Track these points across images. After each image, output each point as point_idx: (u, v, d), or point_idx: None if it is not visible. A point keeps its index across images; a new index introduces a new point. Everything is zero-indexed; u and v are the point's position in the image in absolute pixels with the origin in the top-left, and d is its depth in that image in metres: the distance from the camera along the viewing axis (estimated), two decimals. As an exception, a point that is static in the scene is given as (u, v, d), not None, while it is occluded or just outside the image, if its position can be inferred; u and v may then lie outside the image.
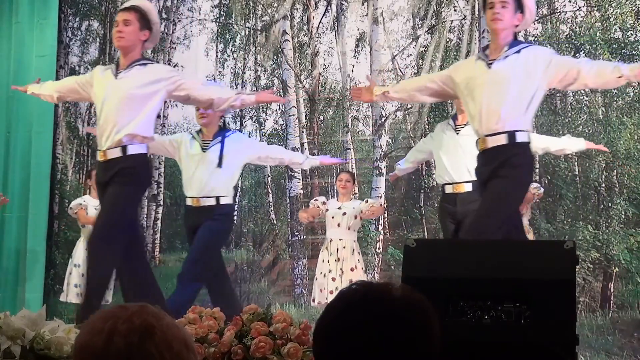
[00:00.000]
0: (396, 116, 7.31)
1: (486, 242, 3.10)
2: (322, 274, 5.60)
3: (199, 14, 7.98)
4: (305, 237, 7.24)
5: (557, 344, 1.95)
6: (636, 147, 6.31)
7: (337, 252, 5.55)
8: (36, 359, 2.79)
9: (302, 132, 7.53)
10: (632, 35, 6.53)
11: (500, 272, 2.10)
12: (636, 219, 6.24)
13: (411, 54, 7.30)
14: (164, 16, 7.98)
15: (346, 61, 7.39)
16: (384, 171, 7.07)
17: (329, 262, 5.56)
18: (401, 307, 1.40)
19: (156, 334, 1.31)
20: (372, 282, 1.52)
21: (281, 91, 7.63)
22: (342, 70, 7.42)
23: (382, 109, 7.09)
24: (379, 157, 7.16)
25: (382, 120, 7.19)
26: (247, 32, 7.90)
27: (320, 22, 7.55)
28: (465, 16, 6.96)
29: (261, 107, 7.77)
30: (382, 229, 6.98)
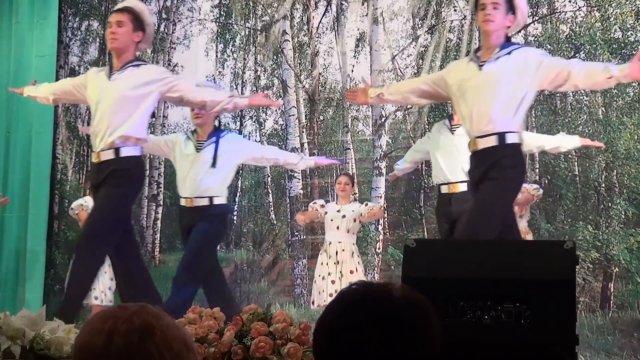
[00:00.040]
0: (396, 116, 7.31)
1: (486, 242, 3.10)
2: (320, 276, 5.59)
3: (199, 14, 7.98)
4: (305, 237, 7.24)
5: (557, 344, 1.95)
6: (636, 147, 6.31)
7: (336, 255, 5.53)
8: (36, 359, 2.79)
9: (302, 132, 7.53)
10: (632, 35, 6.53)
11: (500, 272, 2.10)
12: (636, 219, 6.24)
13: (411, 54, 7.30)
14: (164, 16, 7.98)
15: (346, 61, 7.39)
16: (384, 171, 7.07)
17: (327, 265, 5.54)
18: (401, 307, 1.40)
19: (156, 334, 1.30)
20: (372, 282, 1.52)
21: (281, 91, 7.64)
22: (342, 70, 7.41)
23: (382, 109, 7.09)
24: (378, 157, 7.16)
25: (382, 120, 7.18)
26: (247, 32, 7.89)
27: (320, 22, 7.55)
28: (465, 16, 6.95)
29: (261, 107, 7.77)
30: (382, 229, 6.98)
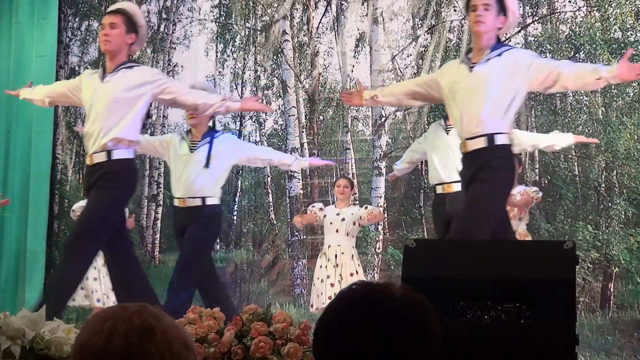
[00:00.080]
0: (396, 116, 7.31)
1: (486, 242, 3.10)
2: (319, 279, 5.58)
3: (199, 14, 7.99)
4: (305, 237, 7.24)
5: (557, 344, 1.95)
6: (636, 147, 6.31)
7: (335, 258, 5.51)
8: (36, 359, 2.78)
9: (302, 132, 7.53)
10: (632, 35, 6.53)
11: (500, 272, 2.10)
12: (636, 219, 6.24)
13: (411, 54, 7.30)
14: (164, 16, 7.98)
15: (346, 61, 7.39)
16: (384, 171, 7.07)
17: (326, 268, 5.53)
18: (401, 307, 1.40)
19: (156, 334, 1.30)
20: (372, 282, 1.52)
21: (281, 91, 7.64)
22: (342, 70, 7.41)
23: (382, 109, 7.09)
24: (378, 157, 7.16)
25: (382, 120, 7.18)
26: (247, 32, 7.89)
27: (320, 22, 7.55)
28: (465, 16, 6.95)
29: (261, 107, 7.75)
30: (381, 229, 6.98)
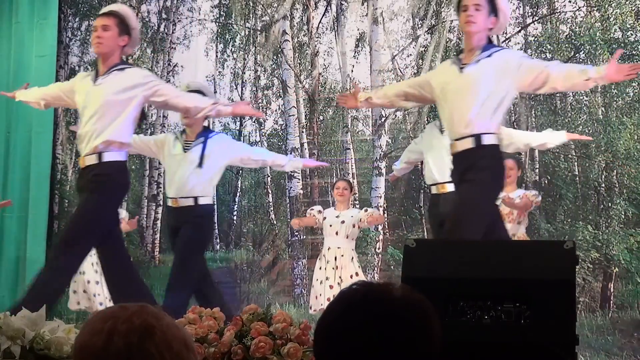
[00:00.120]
0: (396, 116, 7.31)
1: (486, 242, 3.10)
2: (318, 281, 5.58)
3: (199, 14, 7.99)
4: (305, 237, 7.24)
5: (557, 344, 1.95)
6: (636, 147, 6.31)
7: (335, 260, 5.52)
8: (36, 359, 2.79)
9: (302, 132, 7.53)
10: (632, 35, 6.53)
11: (500, 272, 2.10)
12: (636, 219, 6.24)
13: (411, 54, 7.30)
14: (164, 16, 7.98)
15: (346, 61, 7.39)
16: (384, 171, 7.07)
17: (326, 270, 5.53)
18: (401, 307, 1.40)
19: (156, 334, 1.30)
20: (372, 282, 1.52)
21: (281, 91, 7.64)
22: (342, 70, 7.41)
23: (382, 109, 7.09)
24: (378, 157, 7.16)
25: (382, 120, 7.18)
26: (247, 32, 7.90)
27: (320, 22, 7.55)
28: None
29: (261, 108, 7.77)
30: (381, 229, 6.98)
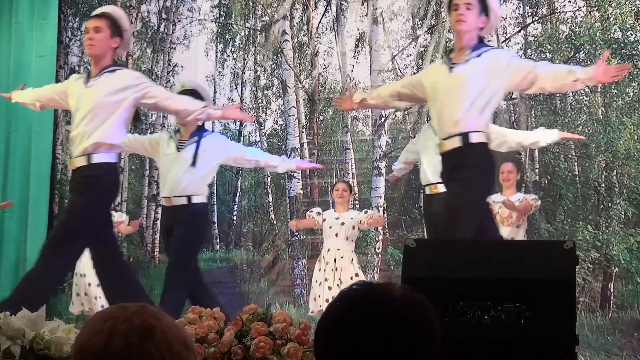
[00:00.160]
0: (396, 116, 7.31)
1: (486, 242, 3.10)
2: (317, 282, 5.59)
3: (199, 14, 7.99)
4: (305, 237, 7.24)
5: (557, 344, 1.95)
6: (636, 147, 6.31)
7: (334, 261, 5.52)
8: (36, 359, 2.79)
9: (302, 132, 7.53)
10: (631, 35, 6.53)
11: (500, 272, 2.10)
12: (636, 219, 6.24)
13: (411, 54, 7.31)
14: (164, 16, 7.98)
15: (346, 61, 7.39)
16: (384, 171, 7.08)
17: (325, 271, 5.53)
18: (401, 307, 1.40)
19: (156, 334, 1.30)
20: (372, 282, 1.52)
21: (281, 91, 7.64)
22: (341, 70, 7.41)
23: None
24: (378, 157, 7.16)
25: (382, 120, 7.19)
26: (246, 32, 7.90)
27: (320, 22, 7.55)
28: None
29: (261, 107, 7.77)
30: (381, 229, 6.98)
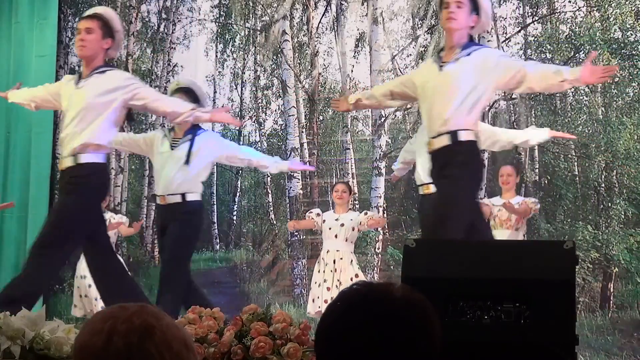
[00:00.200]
0: (395, 116, 7.31)
1: (486, 242, 3.11)
2: (316, 283, 5.59)
3: (199, 14, 7.99)
4: (304, 237, 7.24)
5: (557, 344, 1.95)
6: (636, 147, 6.31)
7: (333, 263, 5.52)
8: (36, 359, 2.78)
9: (302, 132, 7.53)
10: (631, 35, 6.53)
11: (500, 272, 2.10)
12: (636, 219, 6.24)
13: (411, 54, 7.31)
14: (164, 16, 7.98)
15: (346, 61, 7.39)
16: (384, 171, 7.08)
17: (324, 272, 5.53)
18: (401, 307, 1.39)
19: (156, 334, 1.30)
20: (372, 283, 1.52)
21: (281, 91, 7.64)
22: (341, 70, 7.41)
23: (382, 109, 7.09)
24: (378, 157, 7.16)
25: (382, 120, 7.19)
26: (246, 32, 7.90)
27: (319, 22, 7.55)
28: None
29: (261, 107, 7.78)
30: (381, 229, 6.98)
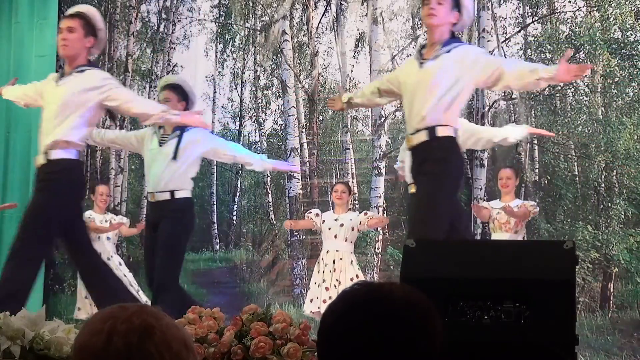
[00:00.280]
0: (395, 116, 7.31)
1: (486, 242, 3.11)
2: (315, 284, 5.58)
3: (199, 14, 7.99)
4: (304, 237, 7.24)
5: (557, 344, 1.95)
6: (636, 147, 6.31)
7: (333, 263, 5.52)
8: (36, 359, 2.78)
9: (302, 132, 7.53)
10: (631, 35, 6.53)
11: (500, 272, 2.10)
12: (636, 219, 6.24)
13: (411, 54, 7.30)
14: (164, 16, 7.98)
15: (346, 61, 7.39)
16: (383, 171, 7.08)
17: (323, 273, 5.53)
18: (402, 307, 1.39)
19: (155, 334, 1.30)
20: (373, 283, 1.51)
21: (281, 91, 7.64)
22: (341, 70, 7.41)
23: (382, 109, 7.09)
24: (378, 157, 7.16)
25: (382, 120, 7.19)
26: (246, 32, 7.90)
27: (319, 22, 7.55)
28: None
29: (261, 107, 7.78)
30: (381, 229, 6.98)
